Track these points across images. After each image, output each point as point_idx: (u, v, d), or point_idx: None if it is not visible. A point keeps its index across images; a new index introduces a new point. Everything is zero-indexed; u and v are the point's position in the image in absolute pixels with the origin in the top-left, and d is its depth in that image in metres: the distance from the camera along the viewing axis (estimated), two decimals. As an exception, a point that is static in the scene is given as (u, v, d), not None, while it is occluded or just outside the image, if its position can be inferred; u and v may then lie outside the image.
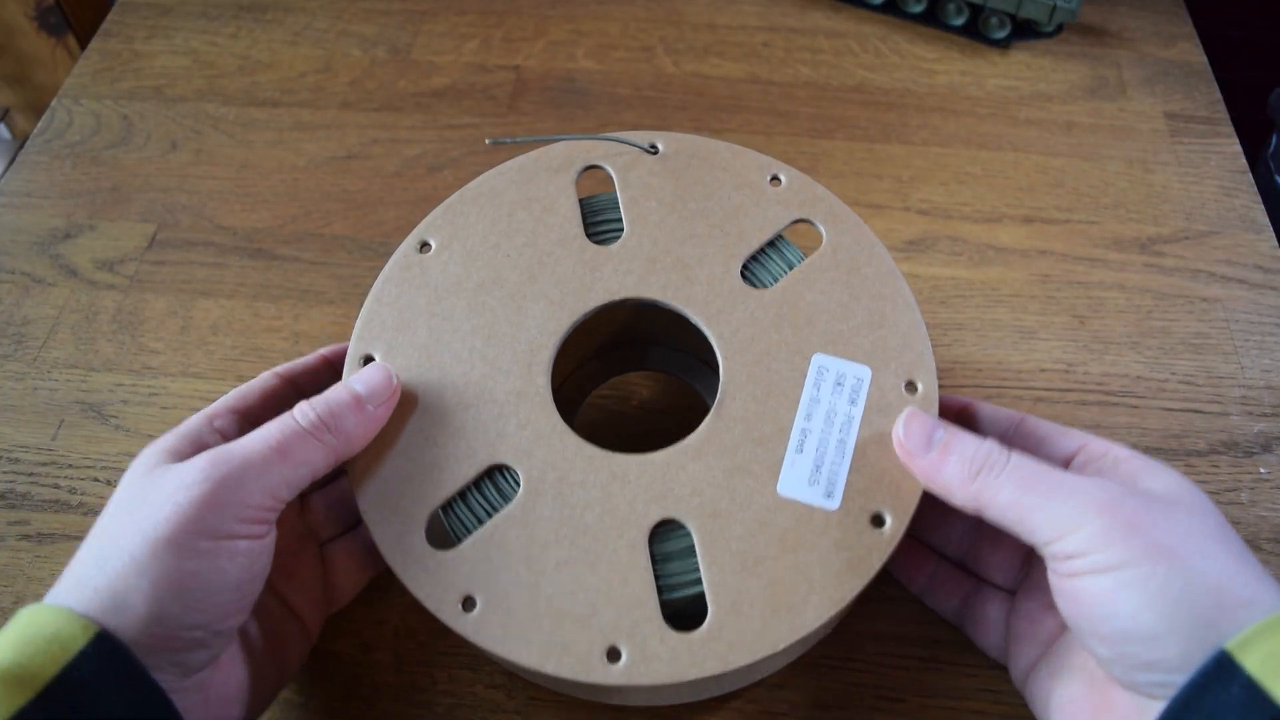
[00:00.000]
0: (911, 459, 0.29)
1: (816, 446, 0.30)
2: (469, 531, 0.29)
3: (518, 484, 0.30)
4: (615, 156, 0.36)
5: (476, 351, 0.32)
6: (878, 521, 0.29)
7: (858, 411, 0.30)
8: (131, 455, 0.40)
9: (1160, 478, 0.27)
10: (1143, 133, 0.52)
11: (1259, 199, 0.49)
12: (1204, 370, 0.43)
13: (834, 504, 0.29)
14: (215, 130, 0.53)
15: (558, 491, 0.29)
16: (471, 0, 0.59)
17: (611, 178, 0.36)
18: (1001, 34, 0.56)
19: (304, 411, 0.29)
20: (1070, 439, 0.30)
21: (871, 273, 0.33)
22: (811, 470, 0.30)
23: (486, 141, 0.37)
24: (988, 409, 0.33)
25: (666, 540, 0.29)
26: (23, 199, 0.50)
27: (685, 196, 0.35)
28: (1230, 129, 0.52)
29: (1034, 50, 0.56)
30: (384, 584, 0.37)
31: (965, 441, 0.28)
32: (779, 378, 0.31)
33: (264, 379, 0.32)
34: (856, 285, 0.33)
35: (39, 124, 0.53)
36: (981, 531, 0.33)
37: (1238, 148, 0.51)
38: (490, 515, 0.29)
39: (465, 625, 0.28)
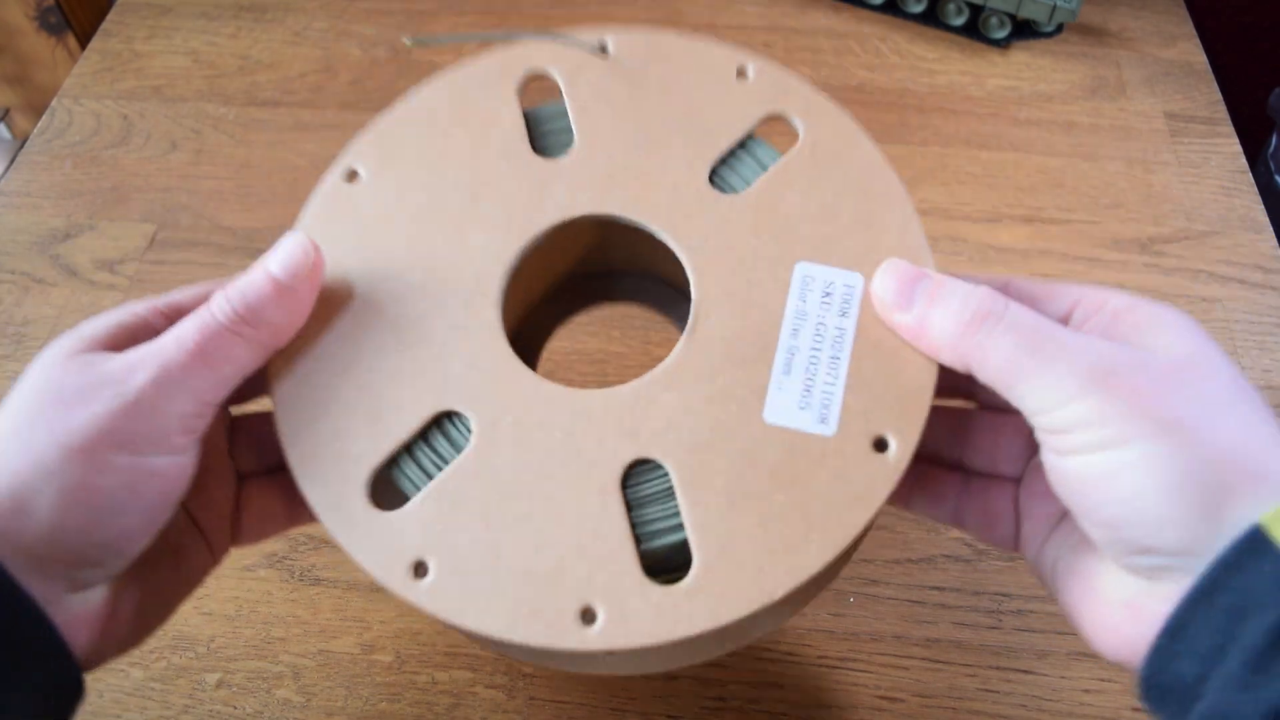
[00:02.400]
0: (892, 315, 0.26)
1: (806, 366, 0.26)
2: (417, 488, 0.26)
3: (469, 432, 0.26)
4: (562, 60, 0.32)
5: (415, 287, 0.28)
6: (880, 445, 0.26)
7: (850, 324, 0.27)
8: (131, 455, 0.40)
9: (1167, 333, 0.24)
10: (1143, 133, 0.52)
11: (1259, 199, 0.49)
12: (1204, 370, 0.43)
13: (829, 429, 0.26)
14: (215, 130, 0.53)
15: (515, 437, 0.26)
16: (471, 0, 0.59)
17: (559, 84, 0.32)
18: (1001, 34, 0.56)
19: (220, 305, 0.25)
20: (1064, 295, 0.26)
21: (856, 168, 0.30)
22: (802, 393, 0.26)
23: (405, 41, 0.33)
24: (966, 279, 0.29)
25: (641, 483, 0.26)
26: (23, 199, 0.50)
27: (642, 99, 0.31)
28: (1230, 129, 0.52)
29: (1034, 50, 0.56)
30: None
31: (955, 289, 0.25)
32: (759, 292, 0.28)
33: (208, 286, 0.29)
34: (840, 183, 0.29)
35: (39, 124, 0.53)
36: (972, 421, 0.30)
37: (1238, 148, 0.51)
38: (440, 469, 0.26)
39: (418, 594, 0.24)
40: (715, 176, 0.30)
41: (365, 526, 0.25)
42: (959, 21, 0.57)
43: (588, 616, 0.24)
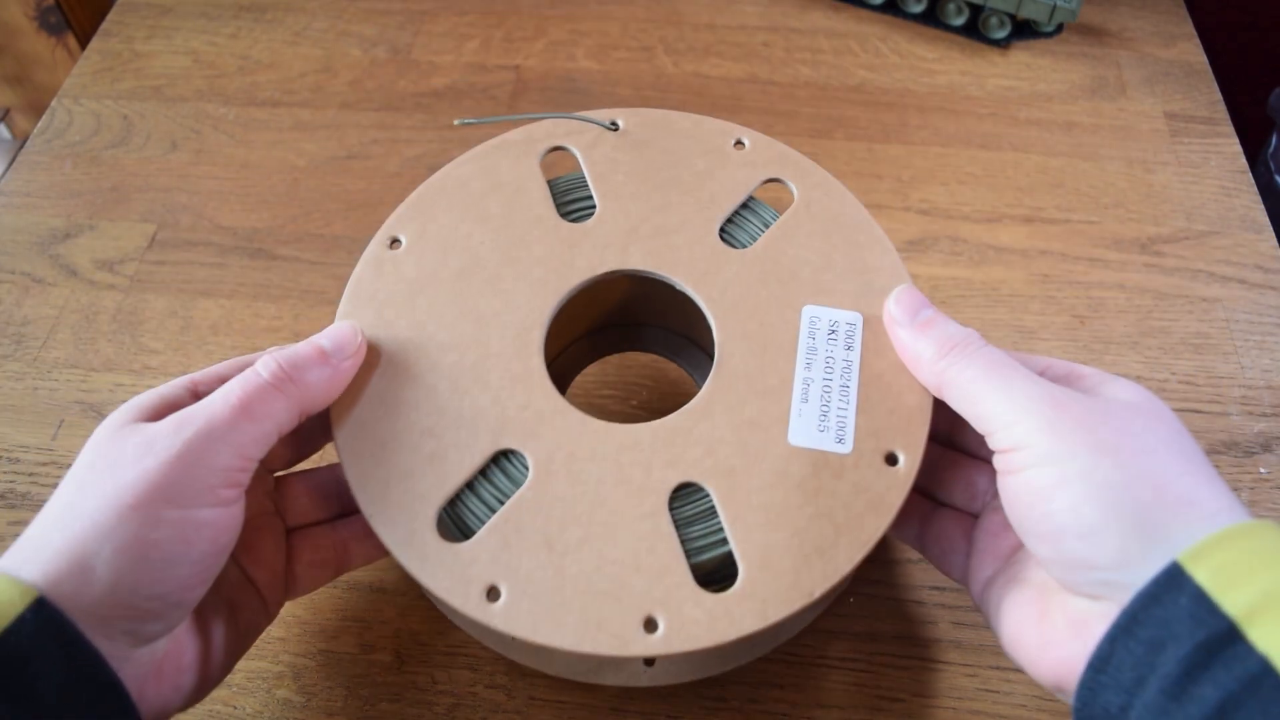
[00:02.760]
0: (895, 327, 0.30)
1: (821, 394, 0.30)
2: (482, 521, 0.28)
3: (526, 467, 0.29)
4: (577, 135, 0.36)
5: (465, 337, 0.31)
6: (891, 460, 0.29)
7: (855, 356, 0.31)
8: (131, 455, 0.40)
9: (1121, 387, 0.27)
10: (1143, 133, 0.52)
11: (1259, 199, 0.49)
12: (1204, 370, 0.43)
13: (846, 448, 0.29)
14: (215, 130, 0.53)
15: (569, 469, 0.29)
16: (471, 0, 0.59)
17: (576, 157, 0.36)
18: (1001, 34, 0.56)
19: (265, 363, 0.28)
20: (1034, 361, 0.30)
21: (847, 222, 0.34)
22: (819, 418, 0.30)
23: (455, 122, 0.36)
24: None
25: (686, 504, 0.29)
26: (23, 199, 0.50)
27: (652, 168, 0.35)
28: (1230, 129, 0.52)
29: (1034, 50, 0.56)
30: (384, 584, 0.37)
31: (948, 323, 0.29)
32: (773, 332, 0.31)
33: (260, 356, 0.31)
34: (834, 235, 0.33)
35: (39, 124, 0.53)
36: (944, 456, 0.33)
37: (1238, 148, 0.51)
38: (502, 502, 0.29)
39: (493, 616, 0.27)
40: (724, 234, 0.34)
41: (437, 559, 0.27)
42: (959, 21, 0.57)
43: (650, 625, 0.26)
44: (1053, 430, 0.25)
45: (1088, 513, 0.24)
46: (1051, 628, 0.26)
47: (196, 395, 0.28)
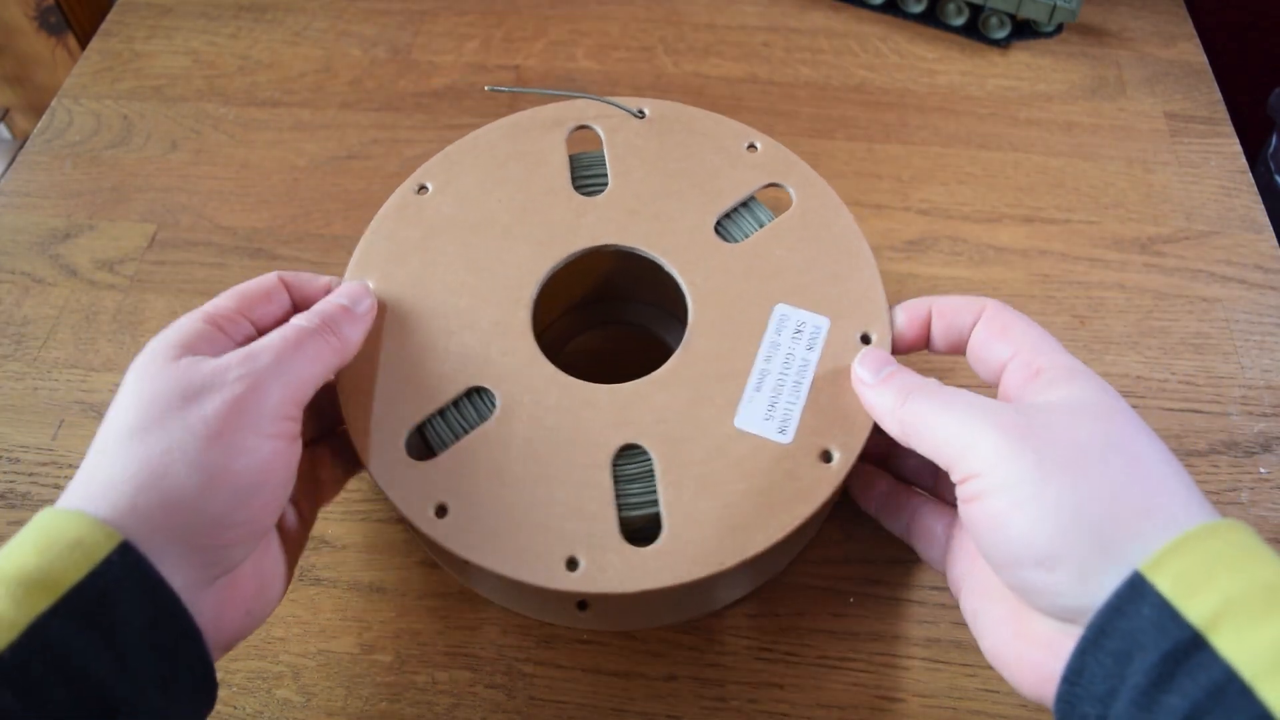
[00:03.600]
0: (860, 386, 0.31)
1: (774, 386, 0.32)
2: (445, 445, 0.31)
3: (494, 405, 0.32)
4: (605, 118, 0.38)
5: (465, 284, 0.34)
6: (826, 457, 0.31)
7: (814, 357, 0.32)
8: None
9: (1076, 386, 0.27)
10: (1143, 133, 0.52)
11: (1259, 199, 0.49)
12: (1204, 370, 0.43)
13: (787, 439, 0.31)
14: (215, 130, 0.53)
15: (532, 414, 0.31)
16: (471, 0, 0.59)
17: (600, 137, 0.38)
18: (1001, 34, 0.56)
19: (306, 318, 0.30)
20: (997, 349, 0.30)
21: (836, 233, 0.35)
22: (768, 407, 0.31)
23: (486, 89, 0.40)
24: (948, 302, 0.32)
25: (629, 463, 0.31)
26: (23, 199, 0.50)
27: (667, 157, 0.37)
28: (1230, 129, 0.52)
29: (1034, 50, 0.56)
30: (384, 584, 0.37)
31: (909, 374, 0.30)
32: (743, 323, 0.33)
33: (267, 278, 0.32)
34: (821, 244, 0.35)
35: (39, 124, 0.53)
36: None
37: (1238, 148, 0.51)
38: (467, 432, 0.31)
39: (437, 530, 0.29)
40: (719, 227, 0.36)
41: (401, 473, 0.30)
42: (959, 21, 0.57)
43: (572, 564, 0.29)
44: (1002, 455, 0.25)
45: (1042, 541, 0.24)
46: (1027, 644, 0.26)
47: (216, 325, 0.29)
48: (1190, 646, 0.21)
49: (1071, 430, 0.25)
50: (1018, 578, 0.25)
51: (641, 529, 0.30)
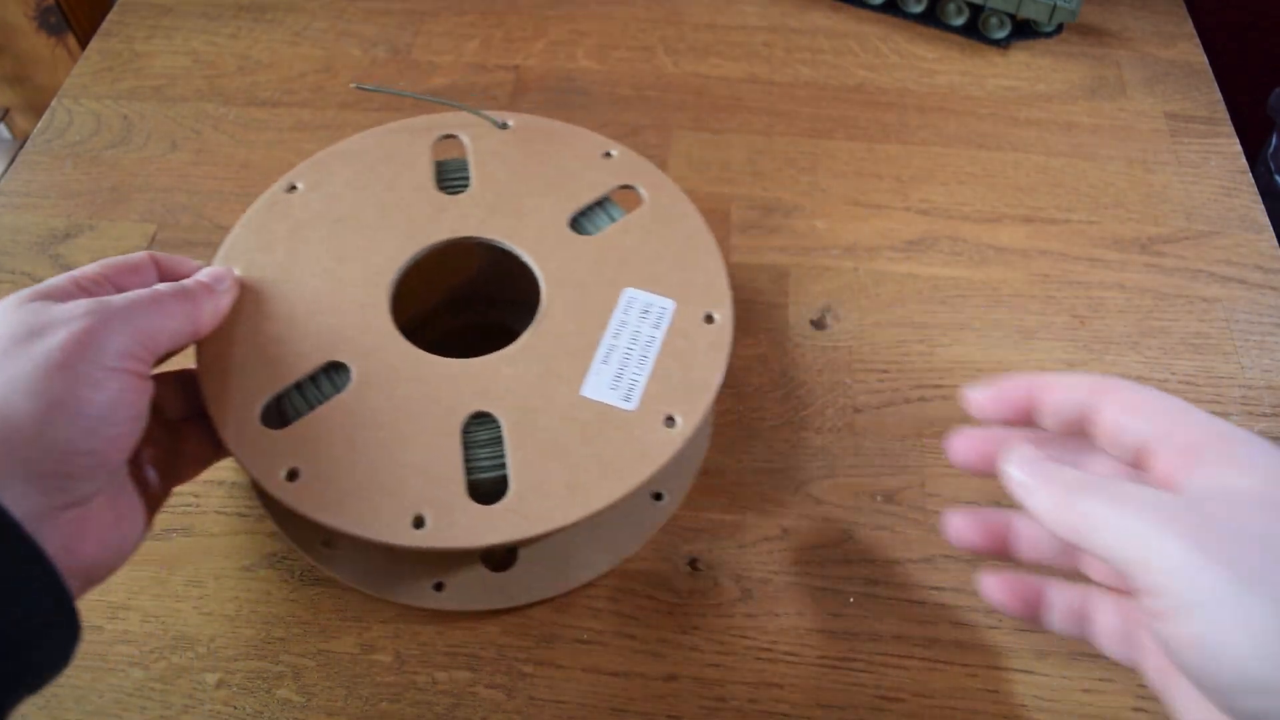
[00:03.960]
0: (1017, 489, 0.26)
1: (621, 359, 0.34)
2: (300, 415, 0.32)
3: (350, 379, 0.33)
4: (471, 128, 0.41)
5: (328, 271, 0.36)
6: (670, 422, 0.33)
7: (660, 334, 0.34)
8: (131, 455, 0.40)
9: (1232, 462, 0.23)
10: (1143, 133, 0.52)
11: (1259, 199, 0.49)
12: (1204, 370, 0.43)
13: (631, 406, 0.33)
14: (215, 130, 0.53)
15: (386, 386, 0.33)
16: (471, 0, 0.59)
17: (465, 144, 0.40)
18: (1001, 34, 0.56)
19: (167, 285, 0.31)
20: (1138, 429, 0.26)
21: (683, 228, 0.38)
22: (614, 378, 0.33)
23: (351, 85, 0.41)
24: (1058, 386, 0.28)
25: (480, 430, 0.32)
26: (23, 199, 0.50)
27: (528, 162, 0.40)
28: (1230, 129, 0.52)
29: (1034, 50, 0.56)
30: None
31: (1063, 470, 0.25)
32: (593, 305, 0.35)
33: (137, 254, 0.33)
34: (669, 237, 0.37)
35: (39, 124, 0.53)
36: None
37: (1238, 148, 0.51)
38: (321, 403, 0.32)
39: (287, 493, 0.30)
40: (574, 223, 0.38)
41: (254, 440, 0.32)
42: (959, 21, 0.57)
43: (418, 522, 0.30)
44: (1190, 567, 0.21)
45: (1254, 667, 0.21)
46: None
47: (78, 285, 0.30)
48: None
49: (1257, 524, 0.22)
50: (1231, 703, 0.22)
51: (491, 491, 0.31)
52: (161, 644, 0.35)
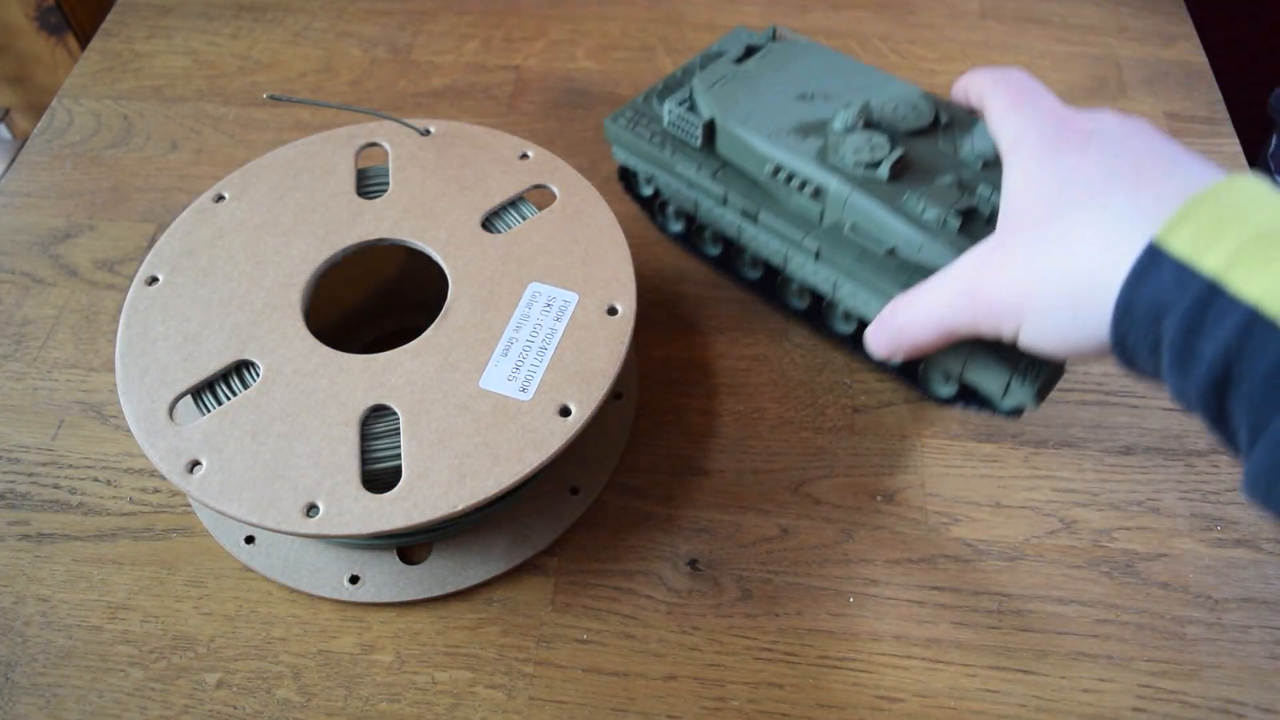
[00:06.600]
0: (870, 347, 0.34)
1: (520, 352, 0.35)
2: (209, 410, 0.33)
3: (258, 376, 0.34)
4: (394, 135, 0.42)
5: (245, 274, 0.37)
6: (564, 412, 0.33)
7: (561, 326, 0.35)
8: (132, 455, 0.40)
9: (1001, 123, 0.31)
10: (1143, 133, 0.52)
11: (1259, 199, 0.49)
12: (1204, 370, 0.43)
13: (527, 396, 0.34)
14: (215, 130, 0.53)
15: (291, 382, 0.34)
16: (471, 0, 0.59)
17: (386, 150, 0.41)
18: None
19: None
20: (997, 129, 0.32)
21: (593, 224, 0.39)
22: (512, 370, 0.34)
23: (264, 96, 0.42)
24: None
25: (377, 422, 0.33)
26: (23, 199, 0.50)
27: (445, 166, 0.41)
28: (1230, 129, 0.52)
29: (1034, 50, 0.56)
30: (384, 584, 0.37)
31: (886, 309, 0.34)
32: (498, 300, 0.36)
33: None
34: (578, 232, 0.38)
35: (39, 124, 0.53)
36: None
37: (1238, 148, 0.51)
38: (229, 400, 0.34)
39: (189, 484, 0.31)
40: (486, 222, 0.39)
41: (160, 433, 0.33)
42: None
43: (311, 510, 0.31)
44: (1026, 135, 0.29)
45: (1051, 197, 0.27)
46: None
47: None
48: (1209, 295, 0.22)
49: (1093, 122, 0.28)
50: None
51: (388, 482, 0.32)
52: (161, 644, 0.35)
